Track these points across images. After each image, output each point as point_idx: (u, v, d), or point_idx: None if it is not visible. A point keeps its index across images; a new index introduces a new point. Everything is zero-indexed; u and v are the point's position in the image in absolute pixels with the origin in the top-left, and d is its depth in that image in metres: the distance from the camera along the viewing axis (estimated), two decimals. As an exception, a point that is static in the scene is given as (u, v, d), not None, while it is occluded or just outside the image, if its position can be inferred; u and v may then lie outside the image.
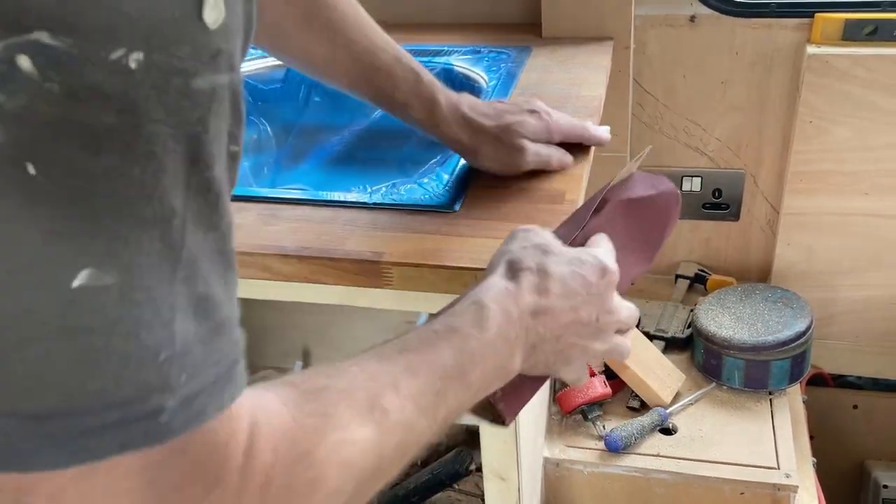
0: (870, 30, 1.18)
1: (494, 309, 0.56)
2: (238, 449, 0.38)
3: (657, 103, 1.32)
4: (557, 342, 0.60)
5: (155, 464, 0.34)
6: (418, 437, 0.49)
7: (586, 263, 0.61)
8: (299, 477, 0.41)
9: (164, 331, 0.33)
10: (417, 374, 0.50)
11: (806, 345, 1.20)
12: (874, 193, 1.27)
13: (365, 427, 0.45)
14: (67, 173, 0.30)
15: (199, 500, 0.37)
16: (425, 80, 0.83)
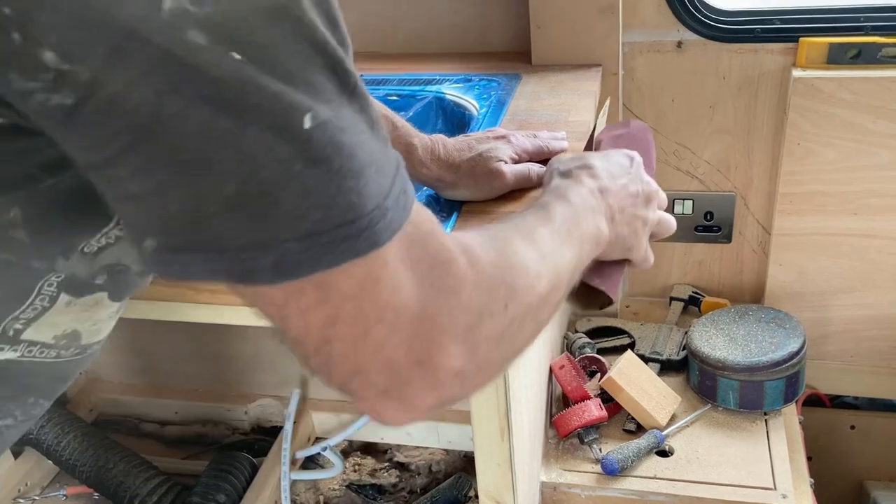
0: (853, 53, 1.20)
1: (569, 192, 0.68)
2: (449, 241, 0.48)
3: (647, 128, 1.34)
4: (624, 214, 0.71)
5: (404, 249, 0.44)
6: (570, 264, 0.61)
7: (615, 154, 0.76)
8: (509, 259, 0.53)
9: (367, 148, 0.42)
10: (549, 221, 0.62)
11: (799, 365, 1.21)
12: (863, 214, 1.29)
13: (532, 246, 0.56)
14: None
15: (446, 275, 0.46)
16: (400, 128, 0.86)
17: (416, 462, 1.66)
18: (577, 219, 0.65)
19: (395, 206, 0.43)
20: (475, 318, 0.48)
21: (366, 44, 1.37)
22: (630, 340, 1.37)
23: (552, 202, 0.65)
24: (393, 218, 0.43)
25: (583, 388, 1.20)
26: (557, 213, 0.63)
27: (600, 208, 0.69)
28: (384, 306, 0.44)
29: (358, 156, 0.41)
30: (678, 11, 1.24)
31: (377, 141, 0.43)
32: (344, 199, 0.40)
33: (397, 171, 0.44)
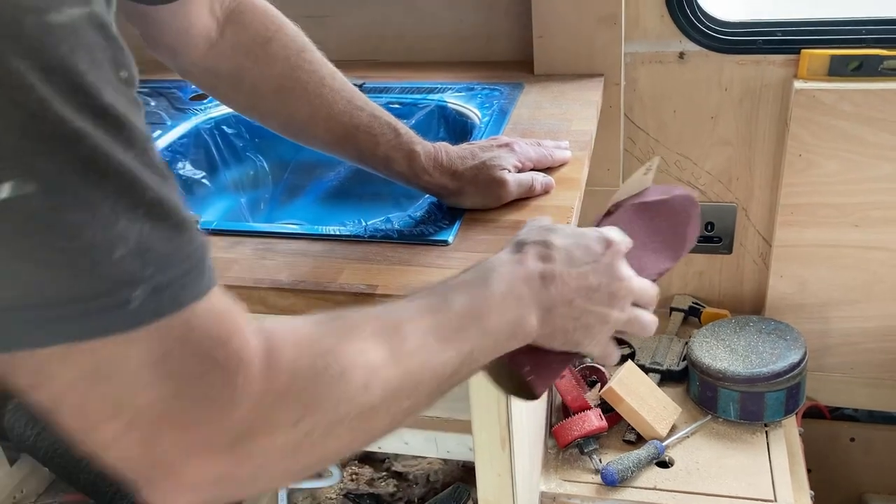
0: (855, 65, 1.20)
1: (501, 271, 0.61)
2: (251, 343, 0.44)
3: (648, 138, 1.34)
4: (571, 307, 0.62)
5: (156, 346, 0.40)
6: (444, 366, 0.54)
7: (588, 235, 0.66)
8: (328, 369, 0.47)
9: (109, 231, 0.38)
10: (438, 313, 0.56)
11: (800, 376, 1.20)
12: (864, 226, 1.29)
13: (385, 343, 0.51)
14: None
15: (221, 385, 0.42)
16: (403, 134, 0.86)
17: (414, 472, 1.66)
18: (487, 310, 0.58)
19: (152, 299, 0.39)
20: (249, 431, 0.44)
21: (368, 52, 1.37)
22: (630, 351, 1.36)
23: (460, 288, 0.59)
24: (140, 310, 0.39)
25: (583, 398, 1.19)
26: (456, 304, 0.57)
27: (532, 298, 0.61)
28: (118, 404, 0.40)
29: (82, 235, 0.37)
30: (680, 22, 1.24)
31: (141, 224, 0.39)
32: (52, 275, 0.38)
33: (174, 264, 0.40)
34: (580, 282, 0.62)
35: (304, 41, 0.86)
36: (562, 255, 0.63)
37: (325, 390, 0.47)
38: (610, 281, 0.64)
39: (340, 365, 0.48)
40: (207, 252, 0.43)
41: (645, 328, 0.68)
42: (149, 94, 1.27)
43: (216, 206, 1.18)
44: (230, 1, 0.83)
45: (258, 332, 0.46)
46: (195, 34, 0.81)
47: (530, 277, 0.61)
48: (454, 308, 0.57)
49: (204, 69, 0.84)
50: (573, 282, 0.62)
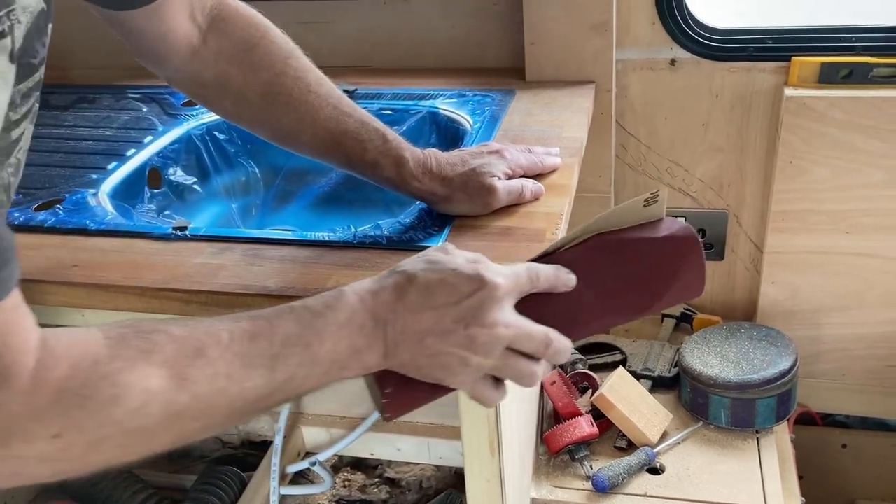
0: (845, 73, 1.21)
1: (352, 298, 0.60)
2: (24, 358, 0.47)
3: (640, 145, 1.34)
4: (422, 345, 0.60)
5: None
6: (248, 390, 0.56)
7: (462, 275, 0.61)
8: (98, 392, 0.49)
9: None
10: (256, 338, 0.56)
11: (791, 383, 1.20)
12: (855, 232, 1.29)
13: (176, 369, 0.52)
14: None
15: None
16: (392, 140, 0.86)
17: (407, 478, 1.65)
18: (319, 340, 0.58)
19: None
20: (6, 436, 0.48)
21: (361, 58, 1.38)
22: (622, 357, 1.36)
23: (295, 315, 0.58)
24: None
25: (574, 404, 1.19)
26: (281, 331, 0.57)
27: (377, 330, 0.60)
28: None
29: None
30: (671, 29, 1.24)
31: None
32: None
33: None
34: (433, 323, 0.60)
35: (290, 48, 0.86)
36: (418, 293, 0.60)
37: (89, 413, 0.49)
38: (469, 325, 0.60)
39: (115, 390, 0.50)
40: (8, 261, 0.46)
41: (520, 379, 0.64)
42: (141, 99, 1.27)
43: (207, 212, 1.18)
44: (212, 7, 0.83)
45: (40, 346, 0.49)
46: (176, 41, 0.81)
47: (377, 312, 0.60)
48: (277, 335, 0.57)
49: (188, 77, 0.85)
50: (424, 322, 0.60)
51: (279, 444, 1.44)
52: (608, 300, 0.67)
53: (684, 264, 0.67)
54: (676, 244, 0.66)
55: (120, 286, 0.81)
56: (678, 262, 0.67)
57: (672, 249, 0.66)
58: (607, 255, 0.67)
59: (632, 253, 0.67)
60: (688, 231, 0.67)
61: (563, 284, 0.65)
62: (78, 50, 1.40)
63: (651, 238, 0.66)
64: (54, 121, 1.22)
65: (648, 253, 0.66)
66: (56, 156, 1.12)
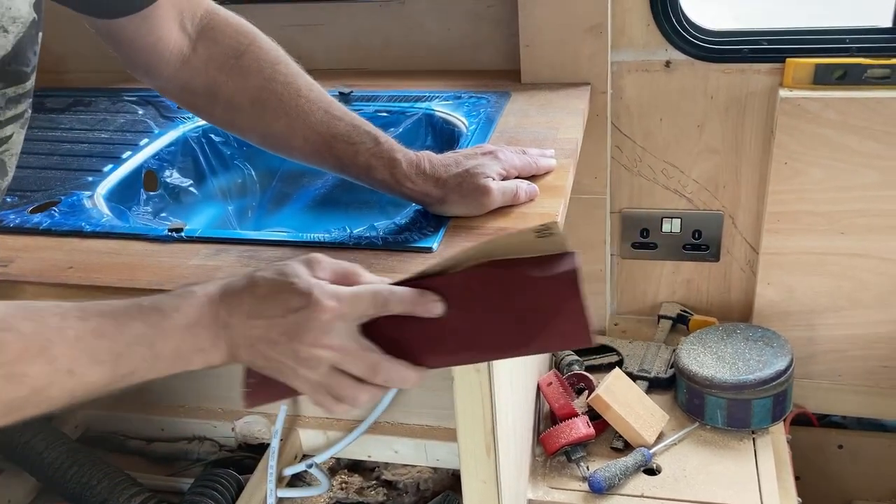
0: (839, 74, 1.21)
1: (200, 300, 0.63)
2: None
3: (635, 146, 1.35)
4: (254, 349, 0.63)
5: None
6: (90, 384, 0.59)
7: (294, 290, 0.62)
8: None
9: None
10: (102, 337, 0.60)
11: (787, 383, 1.21)
12: (850, 233, 1.29)
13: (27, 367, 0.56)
14: None
15: None
16: (384, 143, 0.86)
17: (404, 480, 1.65)
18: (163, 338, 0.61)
19: None
20: None
21: (357, 60, 1.38)
22: (618, 358, 1.36)
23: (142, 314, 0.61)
24: None
25: (570, 405, 1.19)
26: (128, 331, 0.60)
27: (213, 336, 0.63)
28: None
29: None
30: (666, 31, 1.25)
31: None
32: None
33: None
34: (263, 331, 0.62)
35: (279, 54, 0.86)
36: (254, 300, 0.63)
37: None
38: (292, 339, 0.62)
39: None
40: None
41: (341, 399, 0.64)
42: (137, 102, 1.27)
43: (204, 214, 1.18)
44: (202, 17, 0.85)
45: None
46: (166, 50, 0.82)
47: (219, 315, 0.63)
48: (123, 334, 0.60)
49: (179, 85, 0.86)
50: (256, 329, 0.62)
51: (276, 446, 1.44)
52: (479, 333, 0.64)
53: (561, 311, 0.62)
54: (554, 288, 0.61)
55: (115, 288, 0.81)
56: (555, 307, 0.62)
57: (550, 292, 0.61)
58: (483, 286, 0.63)
59: (508, 288, 0.62)
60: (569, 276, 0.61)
61: (425, 311, 0.64)
62: (74, 53, 1.40)
63: (527, 276, 0.62)
64: (50, 124, 1.22)
65: (523, 291, 0.62)
66: (52, 158, 1.12)
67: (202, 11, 0.86)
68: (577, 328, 0.62)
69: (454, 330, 0.64)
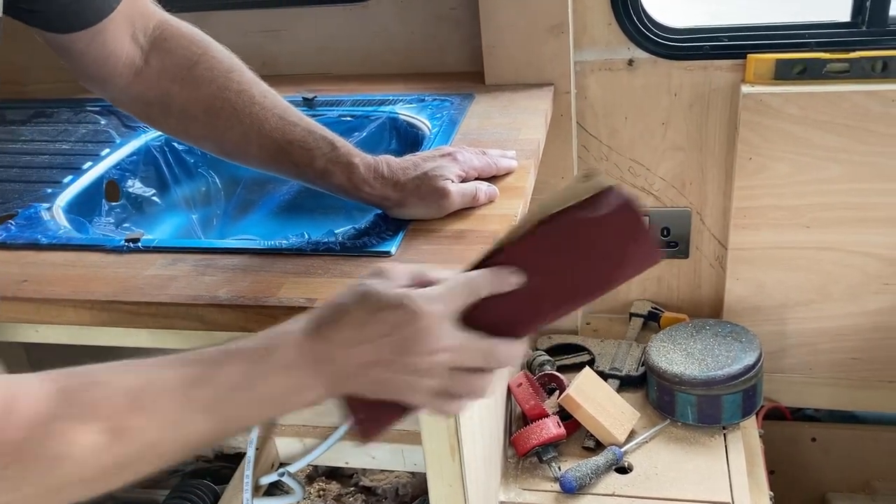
0: (799, 69, 1.22)
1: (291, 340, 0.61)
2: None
3: (601, 145, 1.35)
4: (366, 376, 0.61)
5: None
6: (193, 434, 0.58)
7: (390, 306, 0.61)
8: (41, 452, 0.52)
9: None
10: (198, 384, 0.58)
11: (756, 378, 1.21)
12: (815, 227, 1.30)
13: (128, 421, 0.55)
14: None
15: None
16: (340, 147, 0.86)
17: (383, 486, 1.65)
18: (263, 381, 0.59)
19: None
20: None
21: (321, 65, 1.38)
22: (590, 357, 1.37)
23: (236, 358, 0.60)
24: None
25: (541, 405, 1.19)
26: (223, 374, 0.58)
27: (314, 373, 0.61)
28: None
29: None
30: (628, 30, 1.25)
31: None
32: None
33: None
34: (372, 355, 0.61)
35: (233, 62, 0.86)
36: (351, 328, 0.61)
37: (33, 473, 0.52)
38: (405, 354, 0.61)
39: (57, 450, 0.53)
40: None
41: (469, 395, 0.64)
42: (99, 112, 1.26)
43: (167, 223, 1.17)
44: (154, 28, 0.85)
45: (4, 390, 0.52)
46: (118, 63, 0.82)
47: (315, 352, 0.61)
48: (220, 378, 0.58)
49: (132, 97, 0.86)
50: (364, 355, 0.61)
51: (252, 455, 1.43)
52: (563, 286, 0.66)
53: (628, 237, 0.65)
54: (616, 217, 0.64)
55: (69, 300, 0.80)
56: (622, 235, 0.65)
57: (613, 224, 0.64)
58: (550, 242, 0.66)
59: (572, 235, 0.65)
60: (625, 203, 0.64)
61: (508, 284, 0.64)
62: (35, 65, 1.39)
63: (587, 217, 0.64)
64: (10, 136, 1.21)
65: (588, 232, 0.65)
66: (11, 171, 1.11)
67: (154, 23, 0.86)
68: (646, 248, 0.66)
69: (539, 292, 0.65)
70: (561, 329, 1.45)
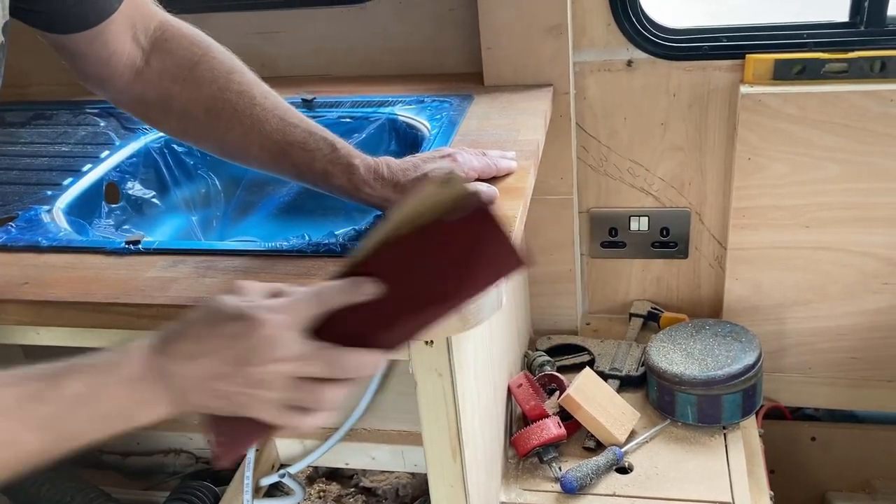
0: (798, 69, 1.22)
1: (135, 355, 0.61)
2: None
3: (600, 146, 1.35)
4: (208, 389, 0.61)
5: None
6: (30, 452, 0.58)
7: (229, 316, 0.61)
8: None
9: None
10: (41, 401, 0.58)
11: (756, 378, 1.21)
12: (814, 227, 1.30)
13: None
14: None
15: None
16: (341, 149, 0.86)
17: (383, 487, 1.65)
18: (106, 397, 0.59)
19: None
20: None
21: (320, 67, 1.38)
22: (590, 358, 1.37)
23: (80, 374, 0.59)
24: None
25: (541, 406, 1.19)
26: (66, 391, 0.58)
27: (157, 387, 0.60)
28: None
29: None
30: (627, 31, 1.25)
31: None
32: None
33: None
34: (211, 368, 0.60)
35: (234, 63, 0.86)
36: (192, 340, 0.61)
37: None
38: (244, 365, 0.60)
39: None
40: None
41: (316, 405, 0.62)
42: (98, 114, 1.26)
43: (167, 225, 1.17)
44: (155, 29, 0.85)
45: None
46: (119, 63, 0.82)
47: (158, 365, 0.61)
48: (63, 395, 0.58)
49: (133, 97, 0.86)
50: (203, 368, 0.60)
51: (252, 457, 1.43)
52: (420, 296, 0.64)
53: (485, 243, 0.63)
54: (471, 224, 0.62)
55: (69, 302, 0.80)
56: (479, 241, 0.62)
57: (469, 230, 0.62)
58: (407, 251, 0.64)
59: (430, 244, 0.63)
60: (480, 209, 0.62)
61: (361, 294, 0.63)
62: (36, 67, 1.39)
63: (443, 224, 0.62)
64: (10, 138, 1.21)
65: (444, 240, 0.63)
66: (11, 173, 1.11)
67: (156, 24, 0.86)
68: (507, 254, 0.63)
69: (397, 302, 0.63)
70: (561, 329, 1.45)
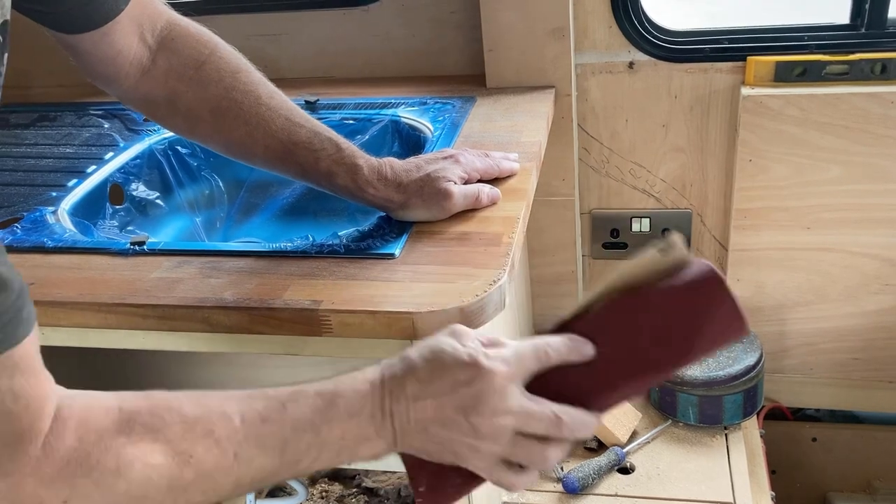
0: (799, 71, 1.23)
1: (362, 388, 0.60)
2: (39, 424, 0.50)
3: (602, 147, 1.36)
4: (427, 433, 0.60)
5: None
6: (256, 470, 0.57)
7: (459, 363, 0.59)
8: (99, 464, 0.52)
9: None
10: (267, 422, 0.57)
11: (757, 378, 1.22)
12: (816, 228, 1.31)
13: (192, 447, 0.55)
14: None
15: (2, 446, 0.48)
16: (345, 149, 0.86)
17: (385, 487, 1.65)
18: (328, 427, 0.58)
19: None
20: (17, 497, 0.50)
21: (322, 69, 1.38)
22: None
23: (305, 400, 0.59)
24: None
25: (543, 407, 1.20)
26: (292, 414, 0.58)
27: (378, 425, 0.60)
28: None
29: None
30: (629, 33, 1.26)
31: None
32: None
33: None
34: (434, 412, 0.59)
35: (240, 63, 0.87)
36: (418, 382, 0.60)
37: (94, 483, 0.52)
38: (469, 414, 0.58)
39: (117, 463, 0.53)
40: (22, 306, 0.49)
41: (531, 464, 0.61)
42: (102, 116, 1.27)
43: (171, 227, 1.17)
44: (162, 28, 0.85)
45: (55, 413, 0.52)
46: (126, 62, 0.83)
47: (383, 402, 0.60)
48: (288, 419, 0.58)
49: (140, 96, 0.86)
50: (427, 411, 0.59)
51: (254, 457, 1.44)
52: (639, 359, 0.63)
53: (712, 308, 0.61)
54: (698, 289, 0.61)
55: (76, 303, 0.81)
56: (705, 307, 0.61)
57: (695, 296, 0.61)
58: (626, 315, 0.63)
59: (650, 308, 0.62)
60: (709, 274, 0.61)
61: (579, 355, 0.62)
62: (39, 68, 1.39)
63: (667, 289, 0.61)
64: (14, 140, 1.22)
65: (667, 304, 0.62)
66: (16, 175, 1.11)
67: (163, 22, 0.86)
68: (732, 319, 0.61)
69: (615, 365, 0.63)
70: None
